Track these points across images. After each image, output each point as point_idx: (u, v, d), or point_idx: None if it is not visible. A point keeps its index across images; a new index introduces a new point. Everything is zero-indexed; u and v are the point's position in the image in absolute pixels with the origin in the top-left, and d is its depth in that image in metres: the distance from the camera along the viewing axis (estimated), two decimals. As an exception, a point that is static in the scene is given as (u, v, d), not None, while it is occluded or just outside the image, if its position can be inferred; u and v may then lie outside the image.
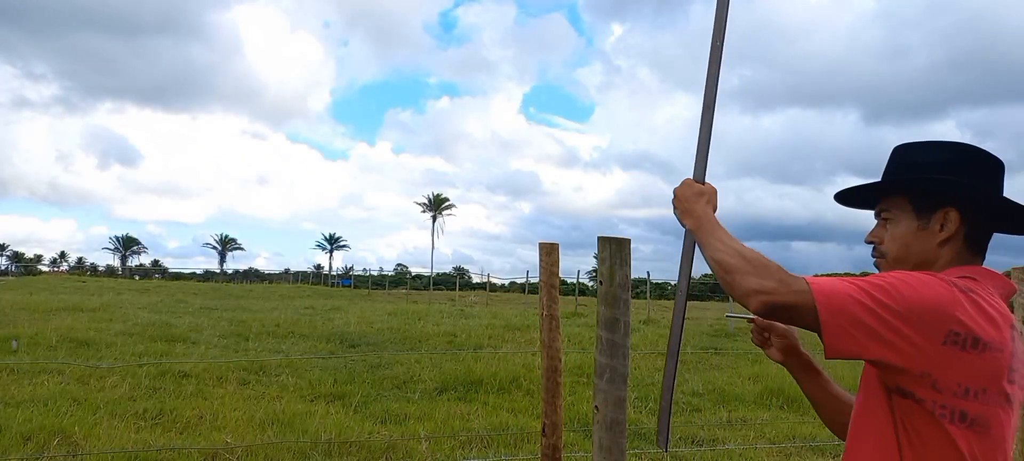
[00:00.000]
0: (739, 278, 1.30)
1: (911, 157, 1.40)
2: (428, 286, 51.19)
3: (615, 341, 1.54)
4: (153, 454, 4.89)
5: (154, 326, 11.69)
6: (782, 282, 1.25)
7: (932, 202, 1.35)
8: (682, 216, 1.53)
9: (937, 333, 1.19)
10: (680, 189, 1.55)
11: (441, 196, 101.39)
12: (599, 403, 1.52)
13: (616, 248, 1.57)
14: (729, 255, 1.34)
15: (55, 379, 7.02)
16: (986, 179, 1.36)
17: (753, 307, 1.27)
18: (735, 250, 1.34)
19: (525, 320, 15.37)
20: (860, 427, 1.34)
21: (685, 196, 1.53)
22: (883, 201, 1.43)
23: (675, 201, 1.55)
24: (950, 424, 1.21)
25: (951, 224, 1.34)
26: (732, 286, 1.31)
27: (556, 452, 2.95)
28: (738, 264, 1.31)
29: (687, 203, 1.52)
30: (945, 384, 1.20)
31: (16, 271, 69.99)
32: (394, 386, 7.72)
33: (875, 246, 1.43)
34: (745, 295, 1.28)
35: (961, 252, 1.35)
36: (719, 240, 1.40)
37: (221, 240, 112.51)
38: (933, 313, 1.19)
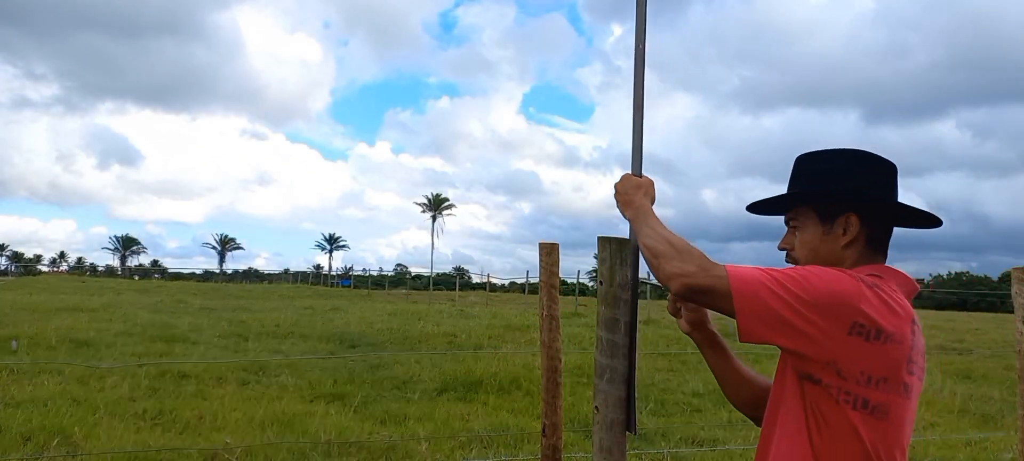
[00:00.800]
0: (663, 262, 1.40)
1: (812, 166, 1.50)
2: (428, 286, 51.17)
3: (615, 341, 1.54)
4: (153, 454, 4.88)
5: (154, 326, 11.69)
6: (701, 267, 1.35)
7: (834, 209, 1.46)
8: (623, 207, 1.61)
9: (843, 323, 1.27)
10: (620, 183, 1.64)
11: (441, 196, 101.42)
12: (599, 403, 1.52)
13: (616, 248, 1.57)
14: (657, 241, 1.43)
15: (55, 379, 7.02)
16: (880, 184, 1.47)
17: (674, 288, 1.37)
18: (663, 237, 1.44)
19: (525, 320, 15.36)
20: (775, 411, 1.42)
21: (624, 189, 1.62)
22: (792, 211, 1.53)
23: (616, 195, 1.63)
24: (853, 410, 1.29)
25: (853, 228, 1.44)
26: (657, 270, 1.41)
27: (556, 452, 2.94)
28: (664, 249, 1.41)
29: (627, 195, 1.61)
30: (849, 372, 1.29)
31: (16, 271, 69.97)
32: (394, 386, 7.71)
33: (787, 252, 1.53)
34: (667, 278, 1.38)
35: (864, 252, 1.45)
36: (651, 228, 1.49)
37: (221, 240, 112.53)
38: (840, 304, 1.28)
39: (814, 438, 1.33)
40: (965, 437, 6.43)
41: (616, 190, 1.65)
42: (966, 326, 21.62)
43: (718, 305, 1.36)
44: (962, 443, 6.18)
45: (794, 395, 1.37)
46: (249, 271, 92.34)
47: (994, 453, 5.96)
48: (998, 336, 17.29)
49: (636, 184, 1.62)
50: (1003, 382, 9.90)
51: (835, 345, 1.28)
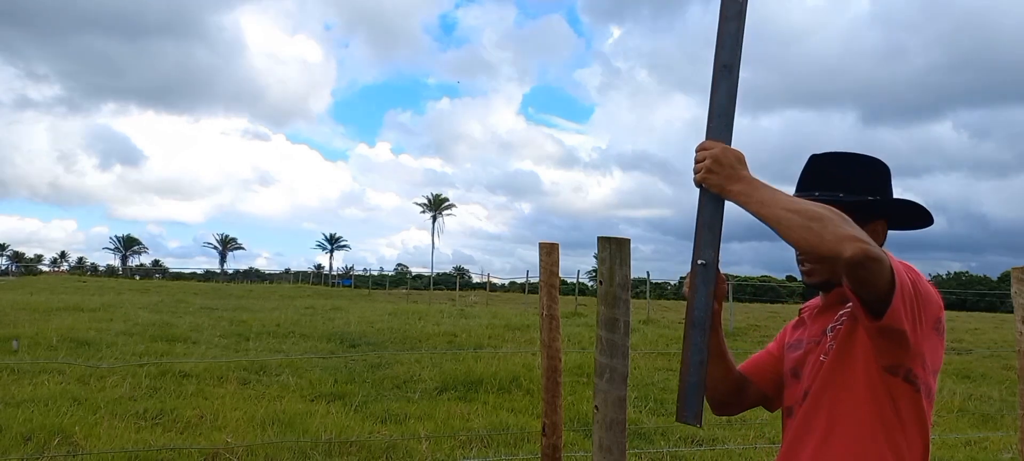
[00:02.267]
0: (831, 226, 1.26)
1: (835, 172, 1.56)
2: (428, 286, 51.19)
3: (615, 341, 1.54)
4: (153, 454, 4.89)
5: (154, 326, 11.69)
6: (869, 239, 1.27)
7: (868, 216, 1.53)
8: (726, 182, 1.42)
9: (932, 319, 1.40)
10: (719, 153, 1.43)
11: (441, 196, 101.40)
12: (599, 403, 1.52)
13: (616, 248, 1.57)
14: (814, 205, 1.31)
15: (55, 379, 7.02)
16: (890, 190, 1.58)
17: (849, 253, 1.24)
18: (815, 203, 1.33)
19: (525, 320, 15.37)
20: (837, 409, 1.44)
21: (729, 161, 1.42)
22: None
23: (714, 166, 1.43)
24: (925, 399, 1.42)
25: (880, 235, 1.56)
26: (821, 235, 1.26)
27: (556, 452, 2.95)
28: (827, 214, 1.28)
29: (732, 169, 1.42)
30: (930, 365, 1.41)
31: (16, 271, 69.97)
32: (394, 386, 7.72)
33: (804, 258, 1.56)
34: (840, 240, 1.24)
35: None
36: (788, 196, 1.37)
37: (222, 240, 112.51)
38: (934, 300, 1.40)
39: (895, 432, 1.39)
40: (964, 437, 6.43)
41: (715, 160, 1.43)
42: (965, 326, 21.62)
43: (879, 280, 1.29)
44: (961, 443, 6.19)
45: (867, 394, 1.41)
46: (250, 271, 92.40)
47: (994, 453, 5.96)
48: (997, 336, 17.29)
49: (739, 156, 1.43)
50: (1002, 382, 9.90)
51: (925, 339, 1.38)
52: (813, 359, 1.53)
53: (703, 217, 1.49)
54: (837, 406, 1.44)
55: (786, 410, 1.62)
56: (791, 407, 1.58)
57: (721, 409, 1.71)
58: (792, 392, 1.59)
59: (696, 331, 1.49)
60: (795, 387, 1.58)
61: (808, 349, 1.57)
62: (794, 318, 1.76)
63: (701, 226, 1.49)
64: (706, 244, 1.49)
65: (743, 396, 1.72)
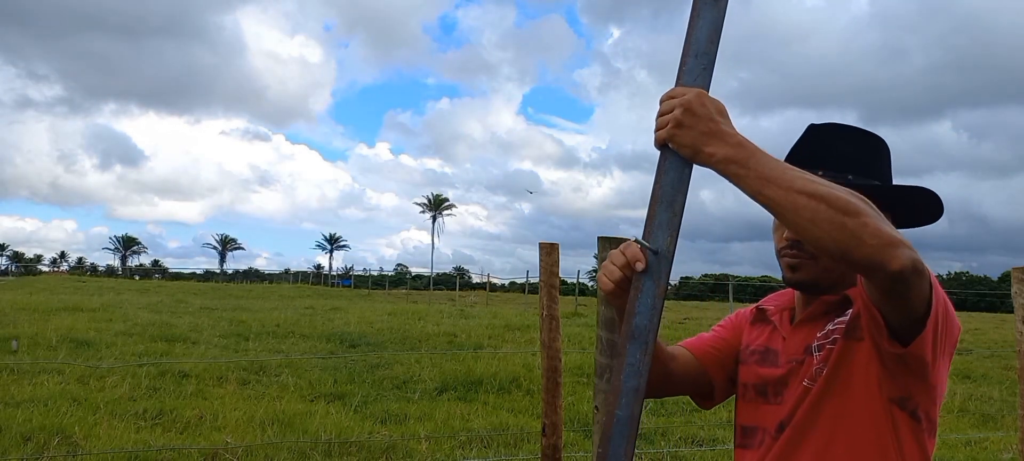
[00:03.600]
0: (872, 224, 0.95)
1: (842, 148, 1.27)
2: (428, 286, 51.18)
3: (615, 341, 1.53)
4: (153, 454, 4.88)
5: (154, 326, 11.68)
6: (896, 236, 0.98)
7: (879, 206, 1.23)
8: (701, 141, 1.03)
9: (952, 347, 1.18)
10: (693, 100, 1.04)
11: (441, 196, 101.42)
12: (599, 403, 1.52)
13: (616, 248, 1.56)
14: (841, 191, 0.98)
15: (55, 379, 7.02)
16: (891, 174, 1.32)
17: (896, 265, 0.96)
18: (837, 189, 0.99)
19: (525, 320, 15.35)
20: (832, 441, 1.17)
21: (706, 113, 1.03)
22: None
23: (685, 117, 1.03)
24: (928, 437, 1.18)
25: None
26: (859, 235, 0.95)
27: (556, 452, 2.95)
28: (863, 206, 0.96)
29: (712, 122, 1.03)
30: (937, 396, 1.18)
31: (16, 271, 69.97)
32: (394, 386, 7.72)
33: (796, 243, 1.24)
34: (885, 245, 0.95)
35: None
36: (797, 170, 1.01)
37: (221, 240, 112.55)
38: (956, 328, 1.17)
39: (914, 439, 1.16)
40: (965, 437, 6.43)
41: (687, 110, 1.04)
42: (966, 326, 21.56)
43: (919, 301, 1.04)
44: (962, 443, 6.18)
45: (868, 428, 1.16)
46: (250, 271, 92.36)
47: (994, 453, 5.96)
48: (998, 336, 17.28)
49: (720, 108, 1.05)
50: (1003, 382, 9.90)
51: (942, 370, 1.17)
52: (795, 383, 1.24)
53: (662, 188, 1.09)
54: (831, 445, 1.17)
55: (745, 430, 1.33)
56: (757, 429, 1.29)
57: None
58: (761, 414, 1.29)
59: (635, 345, 1.09)
60: (765, 409, 1.28)
61: (787, 368, 1.26)
62: (749, 308, 1.45)
63: (656, 200, 1.09)
64: (661, 225, 1.09)
65: (669, 381, 1.35)
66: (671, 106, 1.06)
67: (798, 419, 1.20)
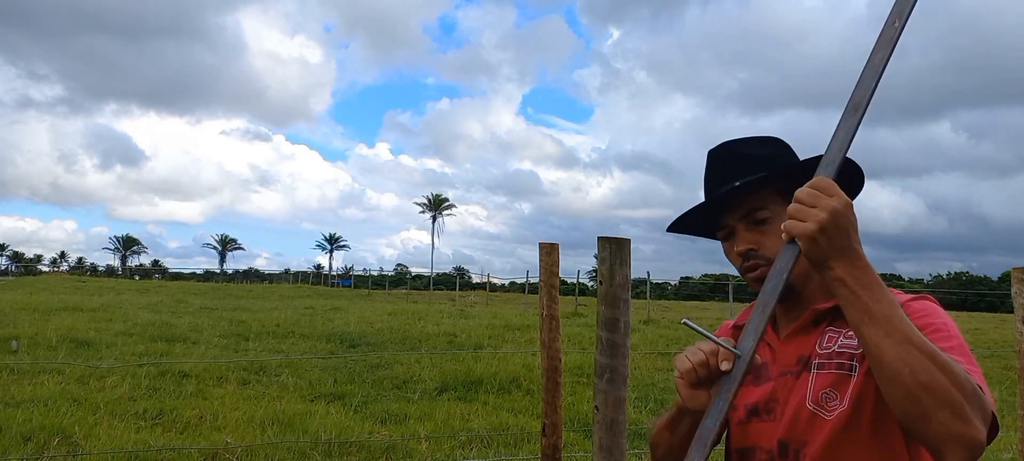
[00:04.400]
0: (943, 412, 0.88)
1: (747, 151, 1.23)
2: (428, 286, 51.16)
3: (615, 341, 1.53)
4: (153, 454, 4.88)
5: (154, 326, 11.69)
6: (986, 421, 0.91)
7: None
8: (831, 251, 0.96)
9: None
10: (842, 208, 0.95)
11: (441, 196, 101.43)
12: (599, 403, 1.52)
13: (616, 248, 1.56)
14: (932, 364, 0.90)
15: (55, 379, 7.02)
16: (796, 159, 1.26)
17: (958, 457, 0.90)
18: (933, 353, 0.90)
19: (525, 320, 15.35)
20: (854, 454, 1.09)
21: (852, 224, 0.96)
22: (752, 200, 1.20)
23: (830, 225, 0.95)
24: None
25: None
26: (927, 416, 0.88)
27: (556, 452, 2.95)
28: (944, 385, 0.89)
29: (849, 237, 0.96)
30: None
31: (16, 271, 69.96)
32: (394, 386, 7.72)
33: (752, 253, 1.19)
34: (945, 438, 0.88)
35: None
36: (914, 333, 0.92)
37: (221, 240, 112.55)
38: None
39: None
40: (965, 437, 6.42)
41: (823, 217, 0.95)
42: (966, 326, 21.60)
43: None
44: (962, 443, 6.18)
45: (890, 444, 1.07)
46: (250, 271, 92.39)
47: (994, 453, 5.95)
48: (998, 336, 17.28)
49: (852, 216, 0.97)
50: (1003, 382, 9.89)
51: None
52: (789, 397, 1.16)
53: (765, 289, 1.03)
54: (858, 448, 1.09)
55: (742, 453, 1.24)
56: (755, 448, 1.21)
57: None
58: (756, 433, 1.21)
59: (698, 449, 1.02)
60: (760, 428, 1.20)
61: (779, 381, 1.19)
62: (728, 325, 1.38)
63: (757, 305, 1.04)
64: (752, 330, 1.02)
65: None
66: (815, 202, 0.96)
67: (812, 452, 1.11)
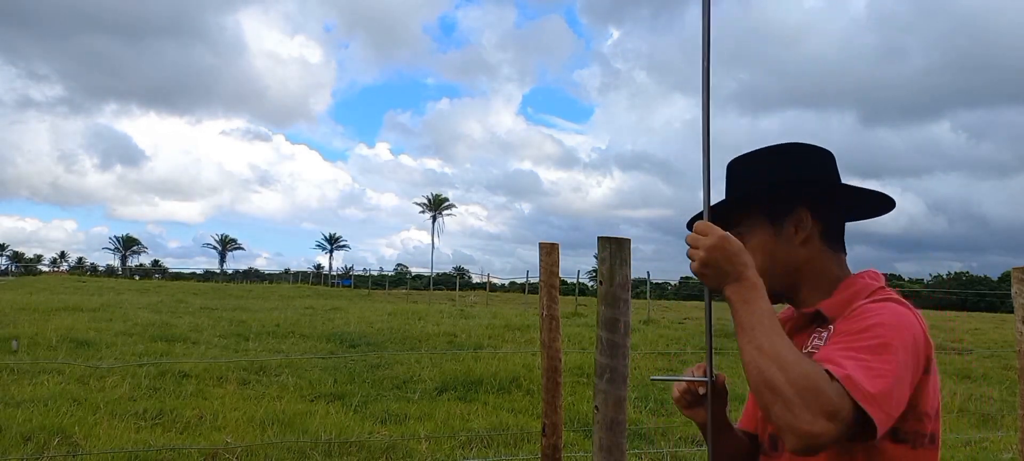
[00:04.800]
0: (780, 407, 1.06)
1: (749, 169, 1.37)
2: (428, 286, 51.19)
3: (615, 341, 1.54)
4: (153, 454, 4.88)
5: (154, 326, 11.69)
6: (826, 412, 1.04)
7: (782, 207, 1.32)
8: (721, 279, 1.17)
9: (921, 362, 1.17)
10: (714, 242, 1.17)
11: (441, 196, 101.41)
12: (599, 403, 1.52)
13: (616, 248, 1.57)
14: (776, 368, 1.07)
15: (55, 379, 7.02)
16: (822, 170, 1.34)
17: (789, 446, 1.06)
18: (782, 361, 1.08)
19: (525, 320, 15.36)
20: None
21: (728, 254, 1.16)
22: (734, 218, 1.35)
23: (708, 261, 1.17)
24: (924, 451, 1.19)
25: (805, 223, 1.31)
26: (768, 409, 1.07)
27: (556, 452, 2.95)
28: (783, 386, 1.06)
29: (730, 264, 1.16)
30: (923, 411, 1.18)
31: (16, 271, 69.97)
32: (394, 386, 7.72)
33: None
34: (784, 429, 1.06)
35: (823, 249, 1.33)
36: (767, 334, 1.11)
37: (221, 240, 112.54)
38: (917, 343, 1.17)
39: None
40: (965, 437, 6.43)
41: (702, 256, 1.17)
42: (966, 326, 21.61)
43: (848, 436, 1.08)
44: (962, 443, 6.19)
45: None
46: (250, 271, 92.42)
47: (994, 453, 5.96)
48: (998, 336, 17.29)
49: (740, 248, 1.17)
50: (1003, 382, 9.90)
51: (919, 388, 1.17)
52: None
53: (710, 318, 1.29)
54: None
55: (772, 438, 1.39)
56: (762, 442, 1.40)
57: None
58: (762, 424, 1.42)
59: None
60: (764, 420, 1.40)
61: None
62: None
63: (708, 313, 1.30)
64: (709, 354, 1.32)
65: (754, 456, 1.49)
66: (696, 244, 1.19)
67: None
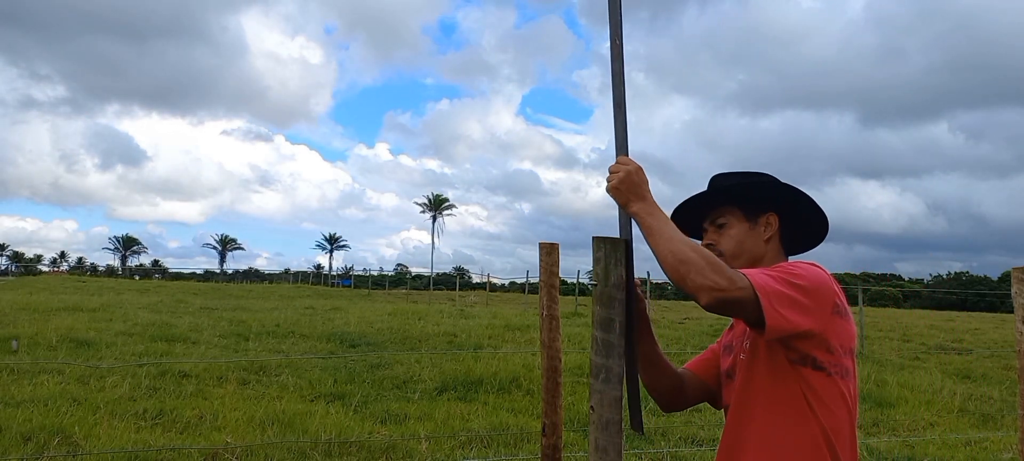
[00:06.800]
0: (693, 274, 1.37)
1: (730, 181, 1.70)
2: (428, 286, 51.14)
3: (610, 341, 1.54)
4: (153, 454, 4.89)
5: (154, 326, 11.69)
6: (731, 280, 1.37)
7: (759, 208, 1.68)
8: (629, 196, 1.54)
9: (828, 304, 1.48)
10: (631, 169, 1.55)
11: (441, 196, 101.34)
12: (595, 403, 1.52)
13: (611, 248, 1.58)
14: (686, 248, 1.41)
15: (55, 379, 7.02)
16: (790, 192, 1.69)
17: (704, 302, 1.38)
18: (689, 244, 1.42)
19: (525, 320, 15.35)
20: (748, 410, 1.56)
21: (636, 180, 1.54)
22: (718, 211, 1.70)
23: (622, 182, 1.54)
24: (841, 379, 1.50)
25: (772, 226, 1.68)
26: (684, 279, 1.39)
27: (556, 452, 2.95)
28: (695, 259, 1.39)
29: (638, 187, 1.54)
30: (835, 346, 1.50)
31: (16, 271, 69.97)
32: (394, 386, 7.72)
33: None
34: (698, 289, 1.37)
35: (779, 249, 1.69)
36: (673, 231, 1.46)
37: (221, 240, 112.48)
38: (825, 288, 1.48)
39: (818, 414, 1.49)
40: (965, 437, 6.43)
41: (624, 176, 1.55)
42: (966, 326, 21.61)
43: (745, 314, 1.41)
44: (962, 443, 6.18)
45: (783, 385, 1.51)
46: (250, 271, 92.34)
47: (994, 453, 5.96)
48: (998, 336, 17.29)
49: (642, 175, 1.56)
50: (1003, 382, 9.90)
51: (826, 323, 1.48)
52: (738, 359, 1.64)
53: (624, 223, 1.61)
54: (759, 400, 1.54)
55: (726, 408, 1.72)
56: (730, 405, 1.68)
57: (667, 407, 1.84)
58: (728, 391, 1.70)
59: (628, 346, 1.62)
60: (730, 387, 1.68)
61: (736, 350, 1.68)
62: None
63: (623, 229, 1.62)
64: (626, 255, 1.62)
65: (684, 394, 1.82)
66: (617, 168, 1.56)
67: (739, 384, 1.61)
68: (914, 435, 6.50)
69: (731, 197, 1.69)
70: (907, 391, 8.54)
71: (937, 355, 13.41)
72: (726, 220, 1.69)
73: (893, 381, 9.07)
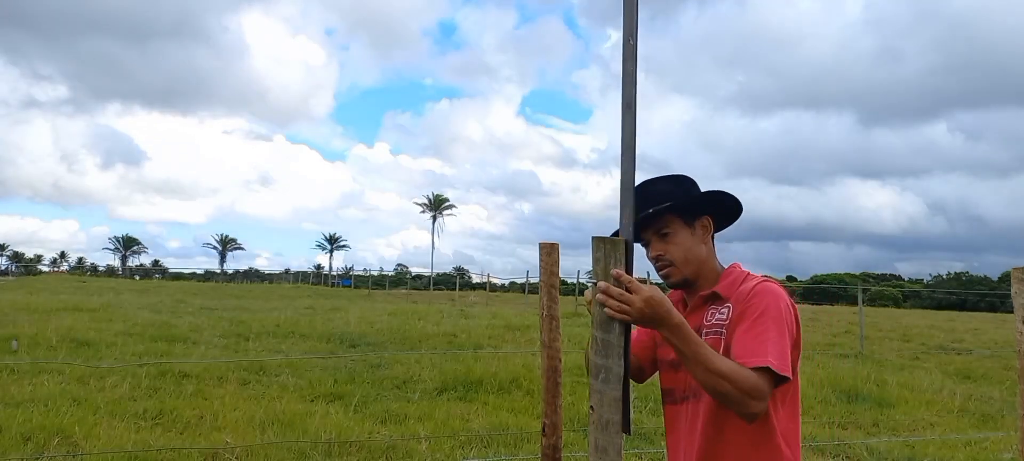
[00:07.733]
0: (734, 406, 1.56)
1: (656, 189, 1.79)
2: (428, 286, 51.17)
3: (609, 341, 1.55)
4: (153, 454, 4.89)
5: (154, 326, 11.68)
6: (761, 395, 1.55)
7: (695, 214, 1.80)
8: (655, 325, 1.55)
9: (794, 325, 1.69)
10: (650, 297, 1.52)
11: (441, 196, 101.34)
12: (594, 403, 1.52)
13: (610, 248, 1.58)
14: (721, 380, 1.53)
15: (55, 379, 7.02)
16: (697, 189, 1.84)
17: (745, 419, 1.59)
18: (721, 372, 1.54)
19: (525, 320, 15.35)
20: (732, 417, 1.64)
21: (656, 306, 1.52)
22: (660, 222, 1.78)
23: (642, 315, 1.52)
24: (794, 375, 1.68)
25: (709, 227, 1.83)
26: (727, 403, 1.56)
27: (556, 452, 2.95)
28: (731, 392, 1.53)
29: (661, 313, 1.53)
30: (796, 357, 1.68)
31: (16, 271, 69.97)
32: (394, 386, 7.72)
33: (661, 257, 1.79)
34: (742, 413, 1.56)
35: (711, 248, 1.84)
36: (709, 362, 1.54)
37: (221, 240, 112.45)
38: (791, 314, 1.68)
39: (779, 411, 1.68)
40: (965, 437, 6.43)
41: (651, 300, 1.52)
42: (965, 326, 21.61)
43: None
44: (962, 443, 6.18)
45: None
46: (250, 271, 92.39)
47: (994, 453, 5.96)
48: (998, 336, 17.29)
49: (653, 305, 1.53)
50: (1003, 382, 9.90)
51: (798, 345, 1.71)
52: None
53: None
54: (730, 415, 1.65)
55: (667, 393, 1.88)
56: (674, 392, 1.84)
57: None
58: (676, 379, 1.83)
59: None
60: (678, 376, 1.81)
61: None
62: None
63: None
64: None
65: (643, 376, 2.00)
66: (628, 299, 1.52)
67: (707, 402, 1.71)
68: (914, 435, 6.50)
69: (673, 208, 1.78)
70: (907, 391, 8.55)
71: (937, 355, 13.41)
72: (669, 229, 1.78)
73: (893, 381, 9.07)
